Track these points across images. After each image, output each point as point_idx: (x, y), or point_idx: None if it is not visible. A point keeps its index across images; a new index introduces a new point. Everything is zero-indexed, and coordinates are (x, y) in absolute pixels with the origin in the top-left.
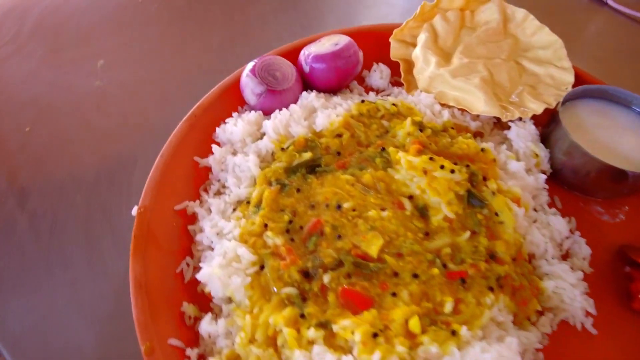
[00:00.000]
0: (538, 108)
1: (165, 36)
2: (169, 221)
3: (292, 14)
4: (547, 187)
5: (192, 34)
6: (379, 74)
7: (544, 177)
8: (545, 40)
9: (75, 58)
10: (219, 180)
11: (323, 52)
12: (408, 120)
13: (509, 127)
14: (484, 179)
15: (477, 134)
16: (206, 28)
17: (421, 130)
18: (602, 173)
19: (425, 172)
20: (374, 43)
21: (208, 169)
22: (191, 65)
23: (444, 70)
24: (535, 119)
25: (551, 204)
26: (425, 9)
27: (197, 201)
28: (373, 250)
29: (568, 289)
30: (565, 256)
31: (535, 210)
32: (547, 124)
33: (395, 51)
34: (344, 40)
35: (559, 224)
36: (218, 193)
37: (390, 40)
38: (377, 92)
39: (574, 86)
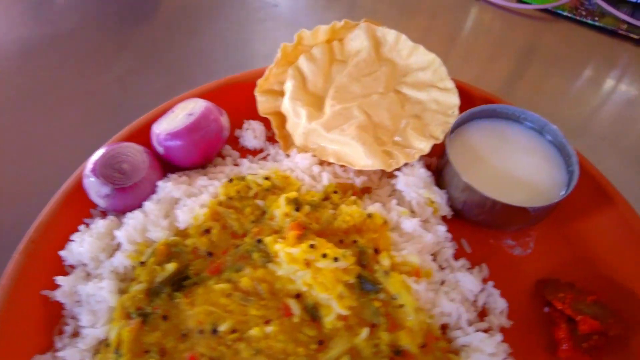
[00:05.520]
0: (425, 147)
1: None
2: None
3: (154, 75)
4: (450, 236)
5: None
6: (252, 133)
7: (444, 229)
8: (423, 61)
9: None
10: (73, 318)
11: (176, 129)
12: (282, 199)
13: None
14: (376, 251)
15: (365, 190)
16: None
17: (298, 209)
18: (505, 210)
19: (307, 264)
20: (243, 96)
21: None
22: (33, 160)
23: (316, 124)
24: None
25: (459, 250)
26: (287, 51)
27: (49, 354)
28: None
29: None
30: (481, 313)
31: (441, 268)
32: (441, 156)
33: (263, 106)
34: (199, 107)
35: (469, 282)
36: (75, 335)
37: (255, 94)
38: (254, 153)
39: (461, 105)
